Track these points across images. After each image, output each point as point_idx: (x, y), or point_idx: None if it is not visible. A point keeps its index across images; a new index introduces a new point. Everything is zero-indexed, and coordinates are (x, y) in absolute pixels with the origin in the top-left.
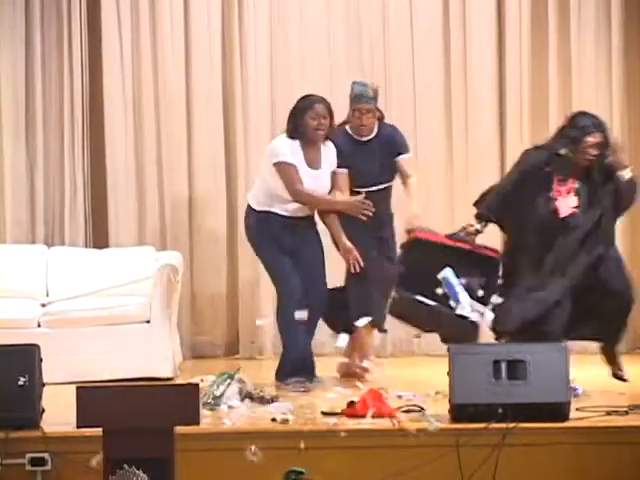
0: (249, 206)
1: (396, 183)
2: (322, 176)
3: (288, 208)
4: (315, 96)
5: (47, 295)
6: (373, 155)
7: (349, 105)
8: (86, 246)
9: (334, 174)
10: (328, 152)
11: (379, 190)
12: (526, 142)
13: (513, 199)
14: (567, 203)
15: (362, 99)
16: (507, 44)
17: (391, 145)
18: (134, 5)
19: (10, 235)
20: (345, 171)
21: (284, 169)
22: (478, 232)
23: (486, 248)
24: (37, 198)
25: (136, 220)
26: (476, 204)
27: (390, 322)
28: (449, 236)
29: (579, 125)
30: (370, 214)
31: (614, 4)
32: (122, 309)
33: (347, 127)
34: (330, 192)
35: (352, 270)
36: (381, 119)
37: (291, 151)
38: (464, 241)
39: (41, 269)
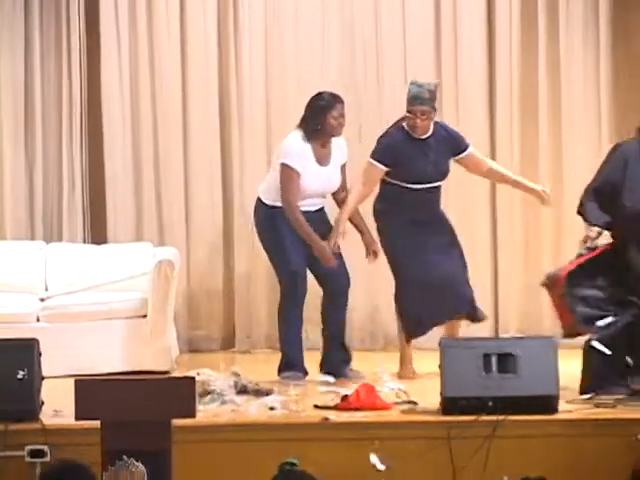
0: (259, 200)
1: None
2: (331, 172)
3: (300, 204)
4: (330, 94)
5: (46, 290)
6: (428, 153)
7: (406, 105)
8: (84, 242)
9: (343, 167)
10: (338, 148)
11: (430, 188)
12: (516, 138)
13: (613, 193)
14: None
15: (417, 101)
16: (497, 43)
17: (450, 143)
18: (131, 9)
19: (10, 232)
20: (384, 168)
21: (286, 173)
22: (600, 234)
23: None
24: (36, 195)
25: (134, 217)
26: (580, 212)
27: (382, 315)
28: (580, 255)
29: None
30: (331, 268)
31: (602, 2)
32: (120, 304)
33: (404, 124)
34: (337, 191)
35: (369, 259)
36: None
37: (301, 152)
38: (591, 250)
39: (40, 265)
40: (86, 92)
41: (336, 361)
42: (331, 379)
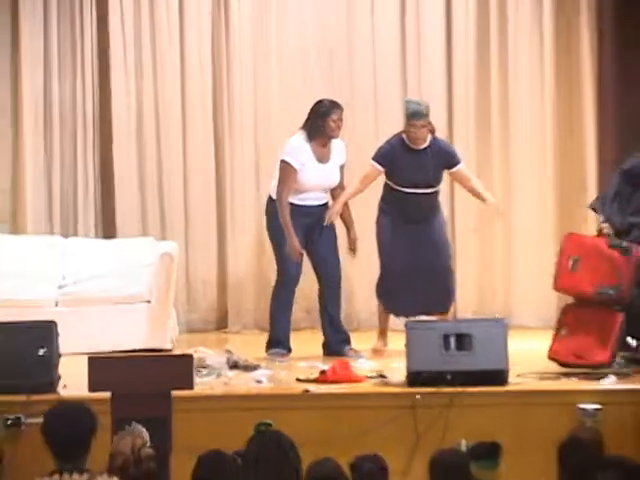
0: (269, 196)
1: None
2: (330, 170)
3: (304, 197)
4: (330, 100)
5: (63, 278)
6: (423, 163)
7: (405, 120)
8: (96, 236)
9: (342, 168)
10: (337, 149)
11: (423, 194)
12: (472, 143)
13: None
14: None
15: (416, 116)
16: (454, 64)
17: (443, 157)
18: (137, 30)
19: (31, 227)
20: (381, 168)
21: (284, 169)
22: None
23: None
24: (54, 196)
25: (139, 215)
26: (593, 207)
27: (356, 301)
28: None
29: None
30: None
31: (545, 16)
32: (127, 291)
33: (404, 136)
34: (335, 188)
35: (349, 254)
36: (433, 132)
37: (300, 150)
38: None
39: (58, 256)
40: (98, 105)
41: (337, 341)
42: None
